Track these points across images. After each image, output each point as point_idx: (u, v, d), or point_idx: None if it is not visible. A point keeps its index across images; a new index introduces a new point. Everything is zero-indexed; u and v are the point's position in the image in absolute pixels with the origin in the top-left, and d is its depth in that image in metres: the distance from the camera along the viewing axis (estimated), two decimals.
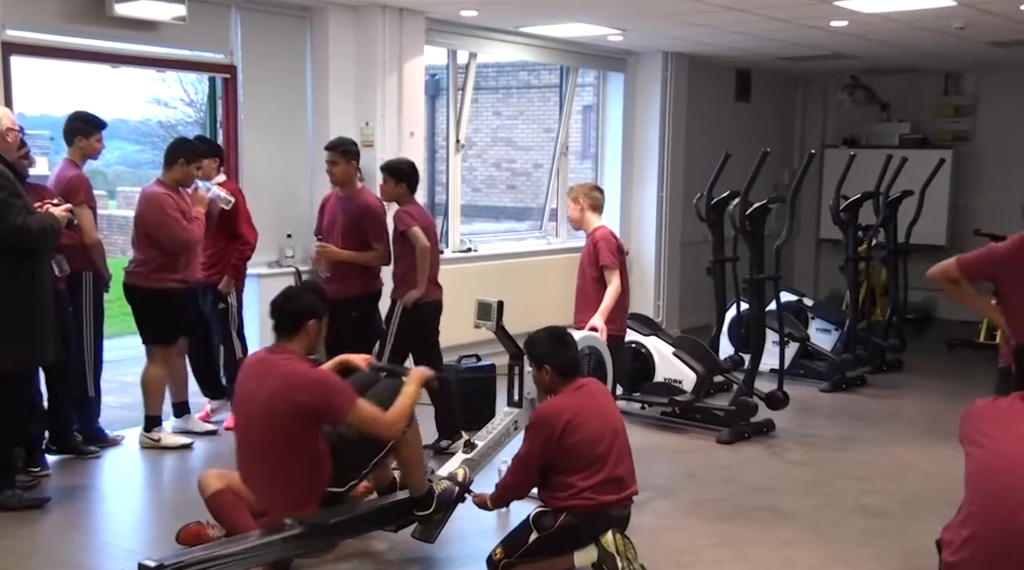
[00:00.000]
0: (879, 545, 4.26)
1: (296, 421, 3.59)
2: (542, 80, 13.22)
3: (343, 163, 5.63)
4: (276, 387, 3.60)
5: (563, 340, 3.92)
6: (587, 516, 3.64)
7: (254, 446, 3.71)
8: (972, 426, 2.73)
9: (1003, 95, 9.96)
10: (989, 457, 2.61)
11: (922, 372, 7.76)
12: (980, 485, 2.62)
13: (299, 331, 3.72)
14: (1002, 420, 2.64)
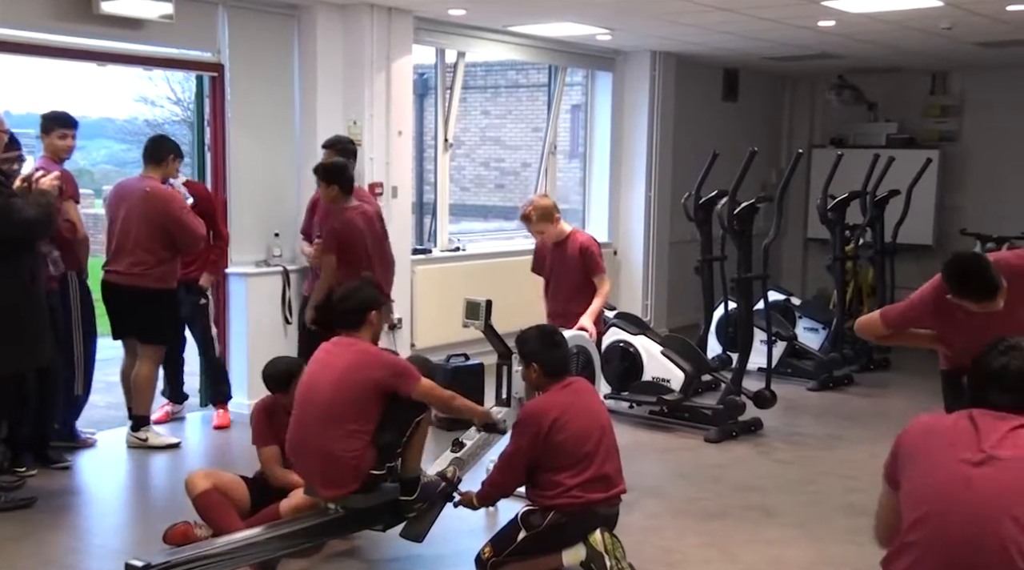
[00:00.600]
0: (865, 543, 4.21)
1: (367, 396, 3.71)
2: (530, 79, 13.24)
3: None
4: (350, 363, 3.74)
5: (553, 339, 3.93)
6: (575, 514, 3.64)
7: (314, 421, 3.73)
8: (910, 446, 2.57)
9: (989, 95, 10.01)
10: (932, 485, 2.45)
11: (908, 371, 7.79)
12: (918, 508, 2.45)
13: (363, 323, 3.90)
14: (949, 440, 2.49)
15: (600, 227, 9.22)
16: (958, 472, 2.40)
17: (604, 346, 6.32)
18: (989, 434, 2.43)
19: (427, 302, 7.19)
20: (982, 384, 2.57)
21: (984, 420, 2.47)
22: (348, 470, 3.69)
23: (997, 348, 2.58)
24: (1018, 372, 2.51)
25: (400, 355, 6.55)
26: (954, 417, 2.55)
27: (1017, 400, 2.50)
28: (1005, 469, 2.36)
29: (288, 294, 6.42)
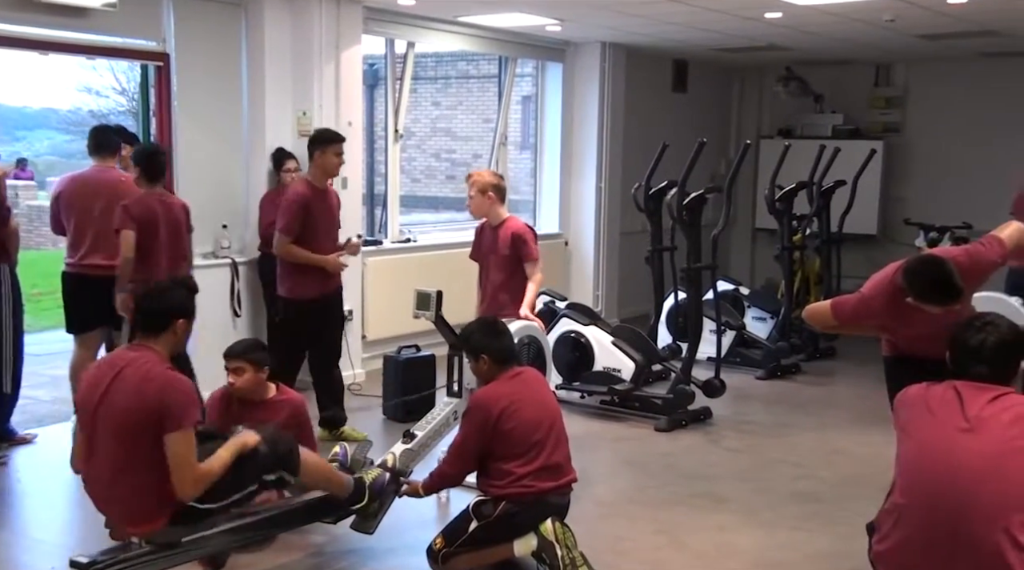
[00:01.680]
0: (812, 529, 4.35)
1: (148, 423, 3.14)
2: (481, 70, 13.21)
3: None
4: (131, 386, 3.18)
5: (497, 329, 3.96)
6: (526, 504, 3.66)
7: (99, 451, 3.25)
8: (906, 413, 2.81)
9: (932, 87, 10.20)
10: (920, 449, 2.68)
11: (854, 359, 7.92)
12: (909, 476, 2.69)
13: (167, 329, 3.35)
14: (936, 409, 2.72)
15: (551, 218, 9.25)
16: (945, 440, 2.62)
17: (555, 337, 6.37)
18: (972, 403, 2.65)
19: (378, 294, 7.16)
20: (962, 359, 2.80)
21: (968, 391, 2.70)
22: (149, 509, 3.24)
23: (974, 325, 2.81)
24: (994, 346, 2.75)
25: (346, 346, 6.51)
26: (942, 388, 2.76)
27: (995, 372, 2.74)
28: (987, 436, 2.58)
29: (237, 286, 6.35)
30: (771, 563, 4.00)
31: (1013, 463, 2.54)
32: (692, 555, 4.08)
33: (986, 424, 2.61)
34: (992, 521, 2.49)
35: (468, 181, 5.22)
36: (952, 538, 2.54)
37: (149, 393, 3.15)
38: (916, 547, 2.61)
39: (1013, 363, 2.78)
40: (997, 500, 2.50)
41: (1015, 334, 2.80)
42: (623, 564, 3.93)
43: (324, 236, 5.40)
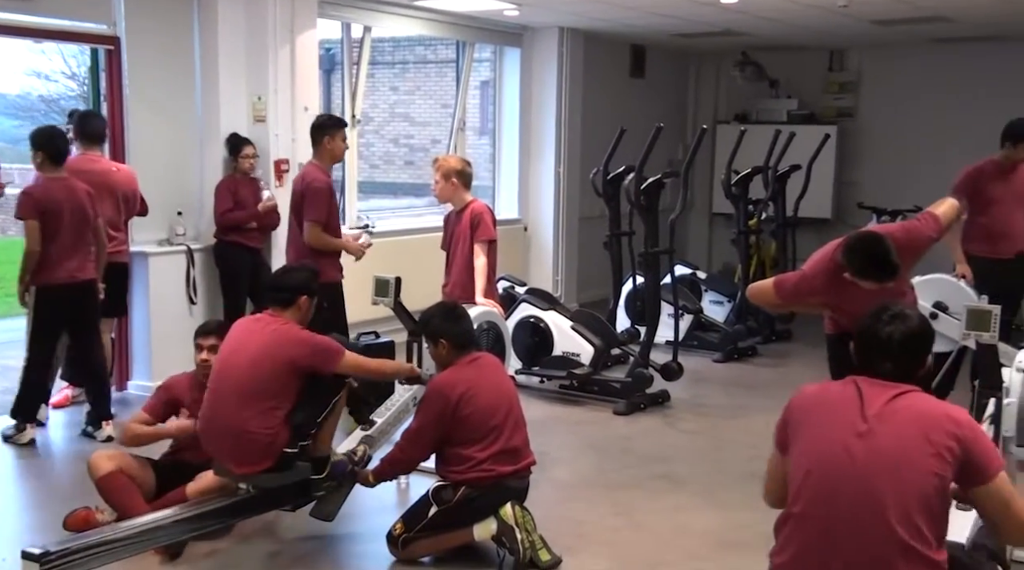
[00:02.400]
0: (767, 509, 4.36)
1: (285, 375, 3.64)
2: (439, 55, 13.13)
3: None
4: (268, 341, 3.67)
5: (455, 313, 3.97)
6: (486, 488, 3.68)
7: (229, 397, 3.64)
8: (800, 415, 2.59)
9: (885, 72, 10.33)
10: (817, 455, 2.49)
11: (809, 341, 8.02)
12: (805, 484, 2.49)
13: (292, 304, 3.81)
14: (834, 411, 2.53)
15: (510, 203, 9.25)
16: (842, 443, 2.44)
17: (514, 322, 6.38)
18: (872, 403, 2.47)
19: None
20: (867, 352, 2.61)
21: (868, 389, 2.51)
22: (261, 448, 3.62)
23: (882, 317, 2.61)
24: (901, 341, 2.55)
25: None
26: (840, 386, 2.58)
27: (899, 368, 2.55)
28: (884, 440, 2.40)
29: (193, 273, 6.28)
30: (727, 542, 4.06)
31: (911, 470, 2.36)
32: (650, 536, 4.13)
33: (884, 426, 2.42)
34: (887, 533, 2.35)
35: (434, 166, 5.23)
36: (850, 553, 2.39)
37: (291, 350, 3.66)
38: (814, 561, 2.45)
39: (920, 358, 2.61)
40: (893, 511, 2.35)
41: (923, 328, 2.62)
42: (582, 546, 3.96)
43: (338, 222, 5.55)
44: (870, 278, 3.68)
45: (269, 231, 6.51)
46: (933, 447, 2.37)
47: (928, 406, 2.47)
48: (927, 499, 2.36)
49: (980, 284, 5.36)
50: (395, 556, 3.79)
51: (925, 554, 2.35)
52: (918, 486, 2.36)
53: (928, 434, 2.38)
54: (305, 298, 3.85)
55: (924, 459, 2.36)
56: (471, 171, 5.33)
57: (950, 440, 2.37)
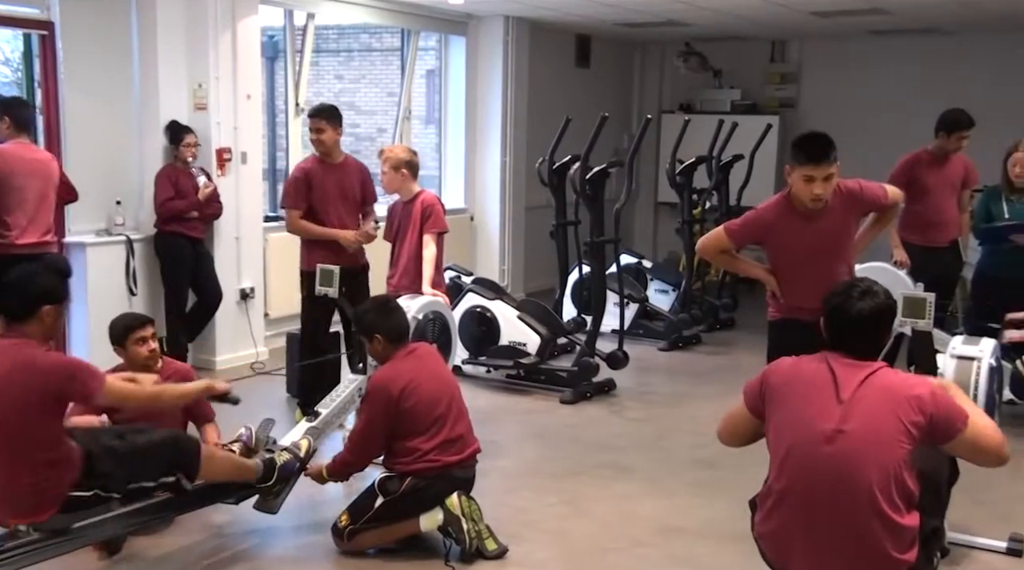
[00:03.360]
0: (711, 495, 4.47)
1: (34, 410, 3.05)
2: (384, 43, 13.03)
3: (330, 130, 5.28)
4: (6, 374, 3.04)
5: (389, 307, 3.96)
6: (432, 479, 3.67)
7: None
8: (776, 391, 2.71)
9: (824, 63, 10.49)
10: (796, 434, 2.61)
11: (752, 329, 8.11)
12: (786, 462, 2.62)
13: (33, 317, 3.16)
14: (810, 390, 2.64)
15: (456, 193, 9.22)
16: (820, 425, 2.57)
17: (461, 312, 6.37)
18: (846, 383, 2.59)
19: (280, 270, 7.02)
20: (838, 329, 2.71)
21: (841, 370, 2.63)
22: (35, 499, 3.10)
23: (852, 294, 2.70)
24: (872, 317, 2.67)
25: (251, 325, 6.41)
26: (815, 365, 2.69)
27: (869, 344, 2.68)
28: (860, 420, 2.54)
29: (132, 264, 6.16)
30: (671, 529, 4.10)
31: (884, 448, 2.51)
32: (596, 523, 4.16)
33: (859, 410, 2.55)
34: (867, 505, 2.50)
35: (381, 157, 5.18)
36: (831, 522, 2.54)
37: (36, 380, 3.04)
38: (796, 533, 2.61)
39: (885, 332, 2.74)
40: (870, 484, 2.49)
41: (890, 303, 2.74)
42: (528, 534, 3.98)
43: (333, 209, 5.28)
44: (805, 154, 3.83)
45: (211, 221, 6.41)
46: (903, 424, 2.53)
47: (895, 382, 2.61)
48: (900, 473, 2.52)
49: (916, 272, 5.48)
50: (340, 548, 3.76)
51: (898, 521, 2.52)
52: (892, 463, 2.51)
53: (897, 412, 2.54)
54: (49, 308, 3.18)
55: (896, 437, 2.53)
56: (418, 161, 5.31)
57: (917, 415, 2.54)
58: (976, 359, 3.67)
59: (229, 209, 6.51)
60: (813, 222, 3.90)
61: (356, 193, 5.35)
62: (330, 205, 5.28)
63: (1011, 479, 4.63)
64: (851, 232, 4.04)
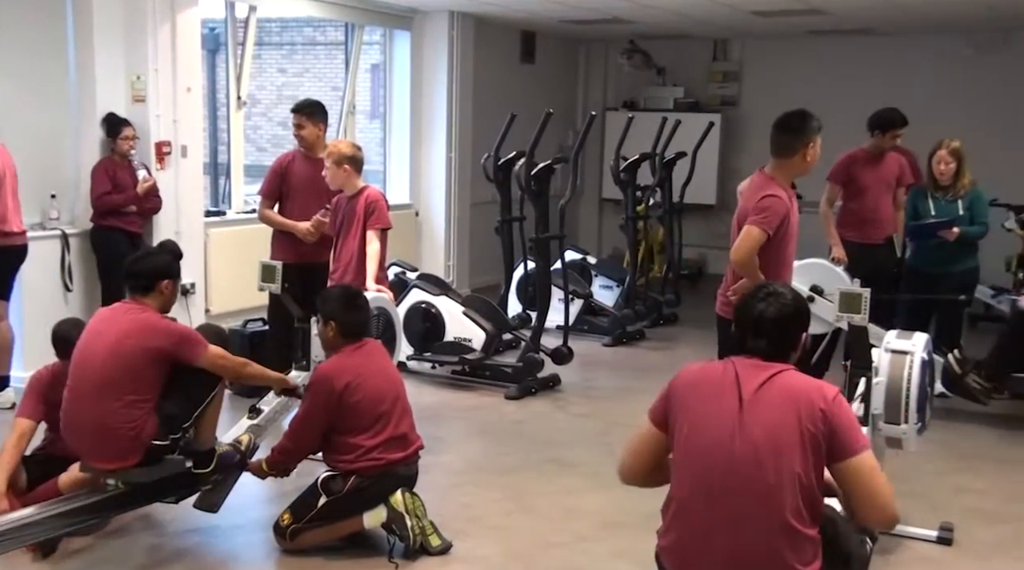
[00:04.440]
0: (654, 490, 4.47)
1: (145, 364, 3.51)
2: (328, 37, 12.94)
3: (310, 125, 5.37)
4: (126, 330, 3.53)
5: (356, 302, 3.91)
6: (376, 477, 3.65)
7: (89, 390, 3.50)
8: (680, 399, 2.62)
9: (765, 62, 10.64)
10: (697, 439, 2.54)
11: (695, 325, 8.24)
12: (686, 468, 2.56)
13: (153, 290, 3.68)
14: (713, 395, 2.56)
15: (401, 188, 9.18)
16: (721, 428, 2.50)
17: (406, 308, 6.35)
18: (748, 386, 2.52)
19: (221, 266, 6.94)
20: (742, 331, 2.66)
21: (744, 372, 2.56)
22: (125, 442, 3.49)
23: (757, 295, 2.66)
24: (773, 319, 2.59)
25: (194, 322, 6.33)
26: (721, 367, 2.62)
27: (773, 346, 2.59)
28: (761, 423, 2.46)
29: (68, 259, 6.03)
30: (614, 523, 4.13)
31: (784, 452, 2.43)
32: (540, 519, 4.17)
33: (759, 411, 2.47)
34: (768, 511, 2.42)
35: (324, 152, 5.13)
36: (731, 534, 2.45)
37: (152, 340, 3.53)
38: (698, 543, 2.51)
39: (794, 336, 2.64)
40: (771, 489, 2.42)
41: (797, 306, 2.65)
42: (473, 530, 3.98)
43: (298, 203, 5.40)
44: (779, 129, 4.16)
45: (150, 215, 6.30)
46: (804, 427, 2.44)
47: (799, 385, 2.52)
48: (801, 478, 2.43)
49: (852, 268, 5.59)
50: (282, 547, 3.72)
51: (801, 531, 2.44)
52: (793, 467, 2.43)
53: (799, 414, 2.45)
54: (167, 283, 3.71)
55: (797, 440, 2.43)
56: (362, 156, 5.27)
57: (818, 418, 2.44)
58: (909, 353, 3.75)
59: (169, 204, 6.41)
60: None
61: (332, 190, 5.32)
62: (297, 198, 5.39)
63: (939, 471, 4.76)
64: None
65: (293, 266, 5.03)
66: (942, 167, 5.66)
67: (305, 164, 5.42)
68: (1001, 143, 9.09)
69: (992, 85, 9.42)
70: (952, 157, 5.62)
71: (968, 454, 5.08)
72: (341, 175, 5.07)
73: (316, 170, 5.27)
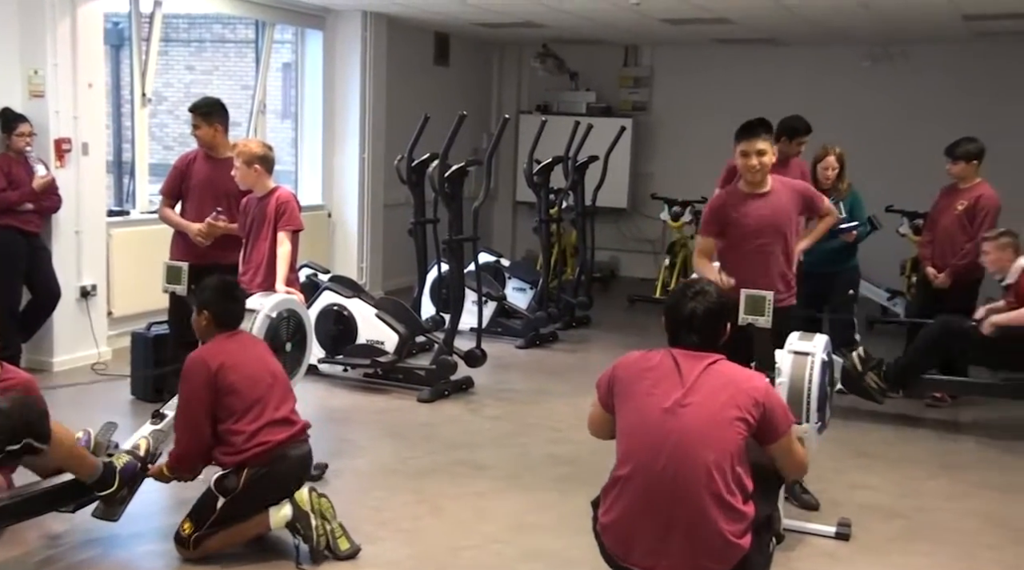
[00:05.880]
0: (566, 491, 4.54)
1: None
2: (238, 35, 12.71)
3: (205, 126, 5.22)
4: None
5: (232, 294, 3.91)
6: (268, 462, 3.58)
7: None
8: (623, 384, 2.89)
9: (675, 68, 10.84)
10: (640, 420, 2.80)
11: (607, 326, 8.34)
12: (629, 447, 2.81)
13: None
14: (655, 379, 2.83)
15: (313, 189, 9.06)
16: (663, 411, 2.75)
17: (317, 310, 6.27)
18: (688, 373, 2.80)
19: (125, 267, 6.75)
20: (674, 327, 2.93)
21: (683, 360, 2.84)
22: None
23: (686, 294, 2.95)
24: (703, 315, 2.89)
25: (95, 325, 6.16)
26: (660, 356, 2.89)
27: (705, 340, 2.89)
28: (700, 406, 2.73)
29: None
30: (527, 525, 4.15)
31: (721, 430, 2.70)
32: (451, 522, 4.16)
33: (700, 393, 2.75)
34: (703, 486, 2.66)
35: (234, 152, 5.02)
36: (670, 506, 2.69)
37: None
38: (638, 516, 2.74)
39: (721, 329, 2.94)
40: (707, 466, 2.66)
41: (721, 301, 2.96)
42: (383, 534, 3.95)
43: (195, 203, 5.26)
44: (740, 132, 4.25)
45: (49, 214, 6.09)
46: (739, 411, 2.72)
47: (734, 374, 2.85)
48: (736, 456, 2.70)
49: None
50: (185, 556, 3.63)
51: (737, 507, 2.69)
52: (729, 445, 2.69)
53: (735, 398, 2.74)
54: None
55: (733, 422, 2.71)
56: (273, 156, 5.18)
57: (753, 404, 2.76)
58: (810, 354, 3.86)
59: (69, 202, 6.20)
60: (759, 201, 4.30)
61: (232, 190, 5.18)
62: (194, 198, 5.27)
63: (838, 469, 4.91)
64: (793, 222, 4.40)
65: (195, 267, 4.93)
66: (829, 172, 6.08)
67: (206, 164, 5.30)
68: (895, 151, 9.46)
69: (888, 96, 9.78)
70: (838, 162, 6.09)
71: (865, 452, 5.25)
72: (252, 175, 4.98)
73: (216, 170, 5.18)
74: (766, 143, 4.24)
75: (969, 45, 9.36)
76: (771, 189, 4.34)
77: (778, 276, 4.34)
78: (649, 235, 10.82)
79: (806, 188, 4.58)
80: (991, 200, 6.02)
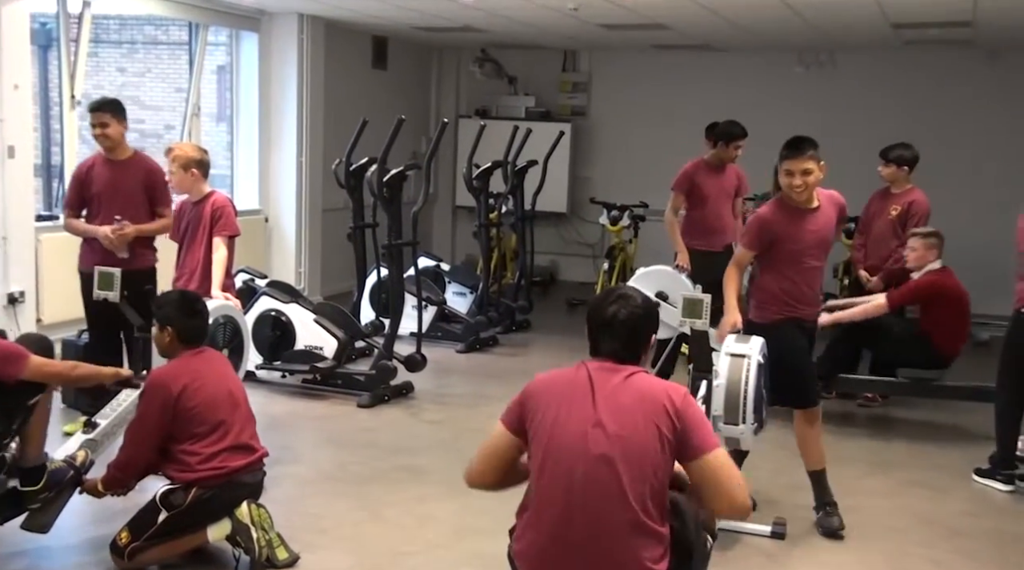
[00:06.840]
0: (507, 494, 4.45)
1: None
2: (171, 36, 12.49)
3: (115, 123, 4.97)
4: None
5: (194, 308, 3.79)
6: (219, 487, 3.53)
7: None
8: (534, 404, 2.66)
9: (613, 74, 10.94)
10: (552, 442, 2.57)
11: (547, 330, 8.37)
12: (542, 471, 2.58)
13: None
14: (567, 398, 2.61)
15: (250, 193, 8.95)
16: (576, 431, 2.54)
17: (255, 315, 6.19)
18: (601, 389, 2.58)
19: (55, 273, 6.57)
20: (595, 332, 2.71)
21: (597, 375, 2.62)
22: None
23: (608, 298, 2.72)
24: (624, 321, 2.65)
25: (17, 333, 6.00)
26: (573, 371, 2.67)
27: (625, 348, 2.66)
28: (614, 425, 2.52)
29: None
30: (468, 529, 4.14)
31: (636, 450, 2.49)
32: (391, 528, 4.14)
33: (612, 412, 2.53)
34: (623, 510, 2.47)
35: (169, 156, 4.94)
36: (587, 530, 2.50)
37: None
38: (553, 542, 2.55)
39: (644, 337, 2.70)
40: (622, 491, 2.47)
41: (647, 308, 2.72)
42: (323, 542, 3.91)
43: (103, 208, 5.01)
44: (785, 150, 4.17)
45: None
46: (655, 426, 2.51)
47: (650, 387, 2.60)
48: (653, 476, 2.51)
49: (696, 275, 5.80)
50: (119, 567, 3.55)
51: (653, 528, 2.51)
52: (645, 465, 2.50)
53: (651, 414, 2.52)
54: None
55: (649, 440, 2.51)
56: (209, 159, 5.12)
57: (670, 418, 2.52)
58: (746, 356, 3.92)
59: None
60: (811, 217, 4.20)
61: (137, 193, 5.06)
62: (102, 204, 5.05)
63: (774, 469, 4.99)
64: (832, 235, 4.37)
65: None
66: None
67: (106, 168, 5.08)
68: (827, 155, 9.56)
69: (821, 101, 9.99)
70: None
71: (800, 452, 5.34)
72: (188, 180, 4.92)
73: (118, 174, 5.04)
74: (813, 162, 4.12)
75: (899, 53, 9.61)
76: (819, 204, 4.24)
77: (820, 289, 4.37)
78: (588, 239, 10.90)
79: (840, 198, 4.46)
80: (922, 206, 6.18)
